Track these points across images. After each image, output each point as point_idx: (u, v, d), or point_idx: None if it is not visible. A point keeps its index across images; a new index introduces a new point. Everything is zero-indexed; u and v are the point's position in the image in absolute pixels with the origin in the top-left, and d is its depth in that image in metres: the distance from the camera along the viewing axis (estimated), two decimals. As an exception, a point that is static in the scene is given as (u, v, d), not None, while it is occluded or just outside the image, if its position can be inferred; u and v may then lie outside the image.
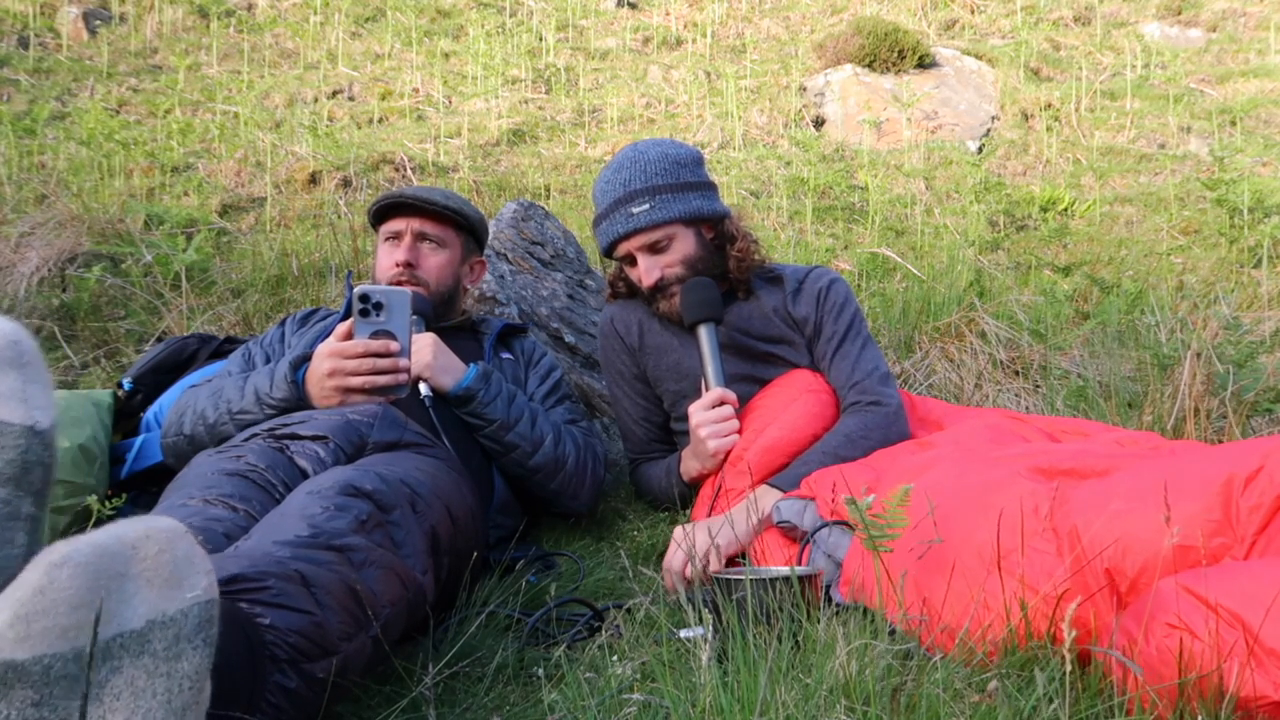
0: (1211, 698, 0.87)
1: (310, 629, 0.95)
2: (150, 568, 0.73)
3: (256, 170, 4.17)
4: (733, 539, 1.54)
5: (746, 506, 1.58)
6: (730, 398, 1.77)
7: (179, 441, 1.75)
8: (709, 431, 1.74)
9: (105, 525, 0.74)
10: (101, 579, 0.69)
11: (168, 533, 0.75)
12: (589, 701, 1.02)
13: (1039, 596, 1.05)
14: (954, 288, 3.15)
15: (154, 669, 0.72)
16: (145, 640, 0.71)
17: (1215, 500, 1.01)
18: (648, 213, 1.84)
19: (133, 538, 0.72)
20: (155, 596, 0.72)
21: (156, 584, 0.73)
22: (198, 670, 0.74)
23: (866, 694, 0.91)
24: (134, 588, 0.72)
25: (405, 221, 1.99)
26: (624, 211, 1.85)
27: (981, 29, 6.96)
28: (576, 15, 6.88)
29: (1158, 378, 2.29)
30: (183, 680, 0.73)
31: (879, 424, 1.74)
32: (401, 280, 1.93)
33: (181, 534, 0.76)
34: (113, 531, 0.73)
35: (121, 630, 0.70)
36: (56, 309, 2.94)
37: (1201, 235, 4.20)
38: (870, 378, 1.83)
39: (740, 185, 4.66)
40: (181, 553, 0.75)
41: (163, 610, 0.73)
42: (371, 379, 1.62)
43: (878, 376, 1.84)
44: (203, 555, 0.77)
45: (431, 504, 1.31)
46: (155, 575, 0.73)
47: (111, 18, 5.71)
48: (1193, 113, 5.68)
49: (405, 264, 1.94)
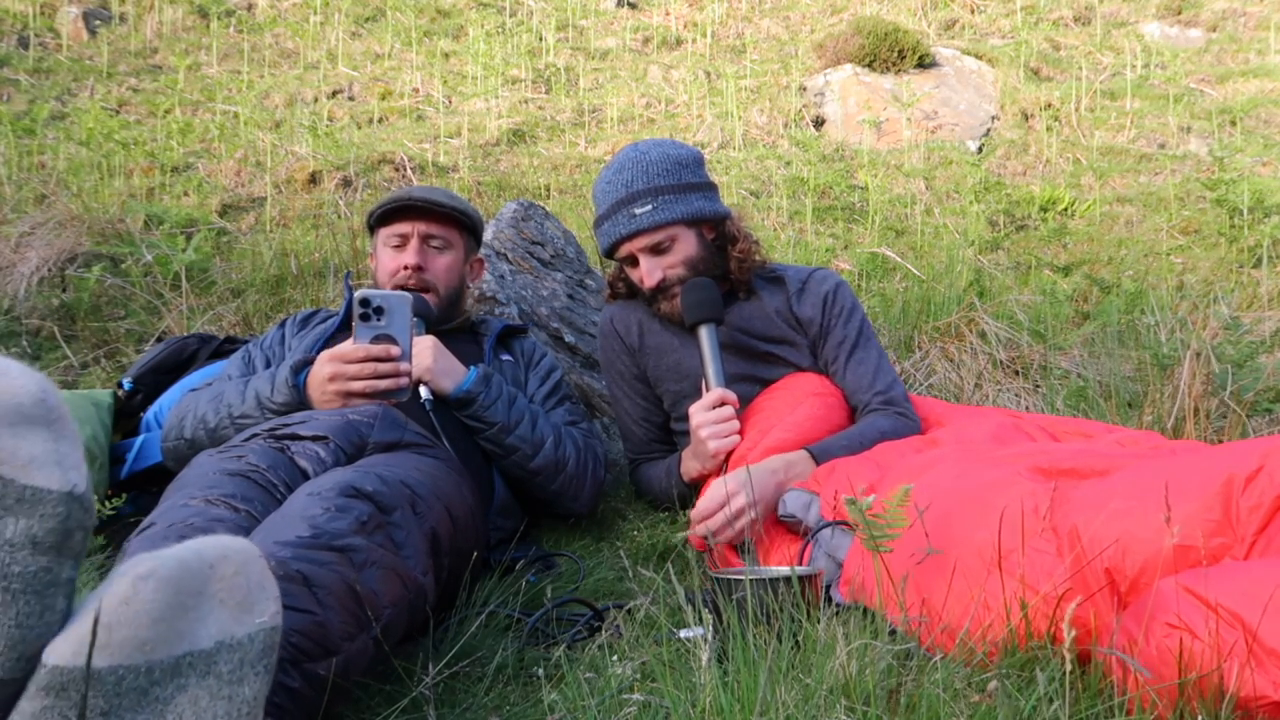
0: (1211, 698, 0.87)
1: (312, 628, 0.96)
2: (226, 588, 0.73)
3: (256, 170, 4.17)
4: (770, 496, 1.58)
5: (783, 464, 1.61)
6: (731, 398, 1.77)
7: (179, 445, 1.75)
8: (710, 432, 1.74)
9: (187, 540, 0.74)
10: (182, 595, 0.69)
11: (244, 554, 0.75)
12: (589, 701, 1.02)
13: (1039, 596, 1.05)
14: (954, 288, 3.15)
15: (217, 691, 0.71)
16: (212, 661, 0.71)
17: (1215, 500, 1.01)
18: (650, 214, 1.83)
19: (212, 556, 0.73)
20: (227, 618, 0.72)
21: (230, 605, 0.73)
22: (256, 696, 0.74)
23: (866, 694, 0.91)
24: (209, 607, 0.72)
25: (411, 224, 1.98)
26: (626, 212, 1.84)
27: (981, 29, 6.96)
28: (576, 15, 6.88)
29: (1157, 378, 2.29)
30: (242, 705, 0.73)
31: (905, 434, 1.76)
32: (409, 284, 1.93)
33: (256, 557, 0.76)
34: (193, 548, 0.73)
35: (192, 649, 0.70)
36: (56, 309, 2.94)
37: (1201, 235, 4.20)
38: (894, 389, 1.86)
39: (740, 185, 4.66)
40: (255, 577, 0.75)
41: (232, 633, 0.72)
42: (373, 384, 1.62)
43: (902, 392, 1.87)
44: (273, 581, 0.77)
45: (432, 505, 1.31)
46: (229, 597, 0.73)
47: (111, 18, 5.71)
48: (1193, 113, 5.68)
49: (415, 267, 1.94)
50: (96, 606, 0.68)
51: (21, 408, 0.73)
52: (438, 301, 1.98)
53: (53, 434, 0.74)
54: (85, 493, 0.75)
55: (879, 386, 1.85)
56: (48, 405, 0.75)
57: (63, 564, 0.73)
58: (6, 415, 0.72)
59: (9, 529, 0.71)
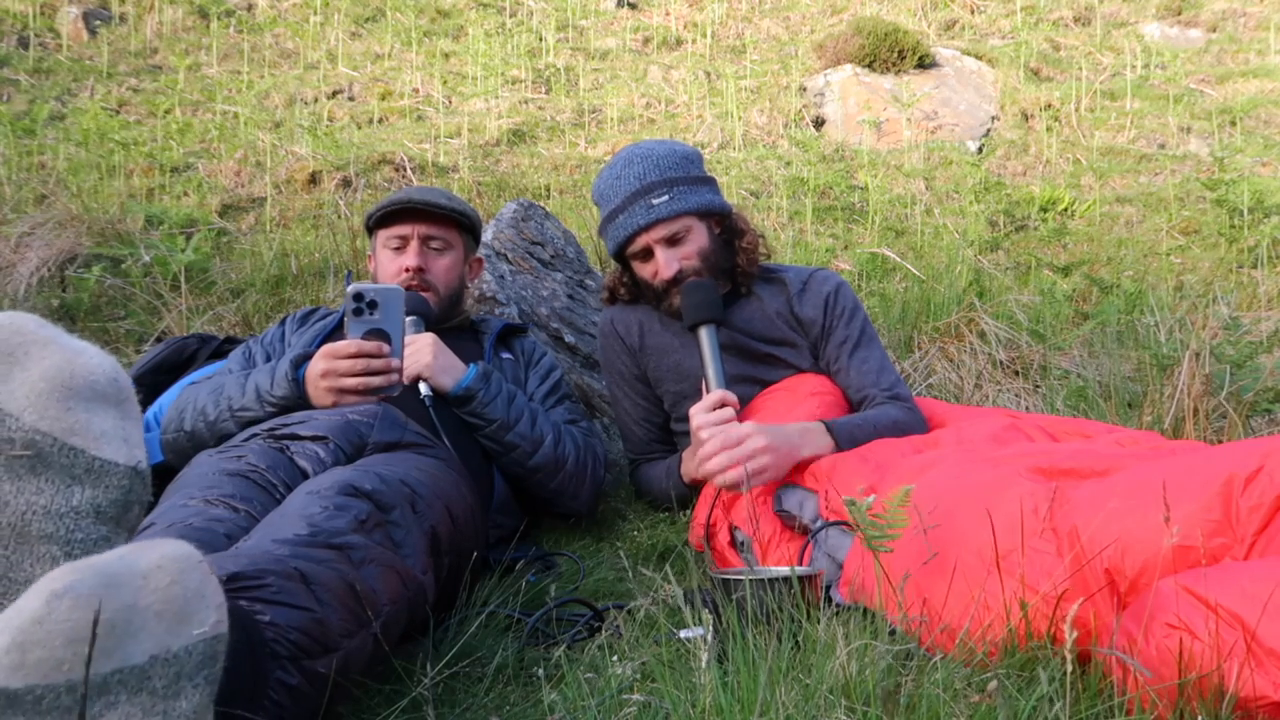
0: (1211, 698, 0.87)
1: (311, 625, 0.95)
2: (160, 599, 0.69)
3: (256, 170, 4.17)
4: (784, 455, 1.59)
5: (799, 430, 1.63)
6: (731, 399, 1.77)
7: (179, 438, 1.75)
8: (710, 433, 1.74)
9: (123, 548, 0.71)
10: (106, 611, 0.66)
11: (181, 562, 0.71)
12: (589, 702, 1.02)
13: (1039, 596, 1.05)
14: (954, 288, 3.15)
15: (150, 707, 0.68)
16: (145, 677, 0.68)
17: (1215, 500, 1.01)
18: (668, 203, 1.85)
19: (144, 567, 0.69)
20: (162, 631, 0.69)
21: (165, 618, 0.69)
22: (196, 710, 0.71)
23: (866, 694, 0.91)
24: (141, 621, 0.68)
25: (411, 226, 1.98)
26: (644, 203, 1.86)
27: (981, 29, 6.96)
28: (576, 15, 6.88)
29: (1157, 378, 2.29)
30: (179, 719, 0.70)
31: (916, 427, 1.77)
32: (411, 285, 1.94)
33: (195, 564, 0.72)
34: (126, 557, 0.69)
35: (122, 665, 0.67)
36: (56, 309, 2.94)
37: (1201, 235, 4.20)
38: (899, 387, 1.87)
39: (740, 185, 4.66)
40: (194, 585, 0.71)
41: (167, 646, 0.69)
42: (364, 379, 1.62)
43: (907, 391, 1.88)
44: (215, 588, 0.74)
45: (431, 504, 1.31)
46: (165, 609, 0.70)
47: (111, 18, 5.71)
48: (1193, 113, 5.68)
49: (417, 269, 1.95)
50: (11, 625, 0.65)
51: (96, 385, 0.77)
52: (438, 302, 1.98)
53: (121, 413, 0.79)
54: (146, 470, 0.80)
55: (884, 384, 1.86)
56: (119, 385, 0.80)
57: (119, 535, 0.77)
58: (82, 391, 0.76)
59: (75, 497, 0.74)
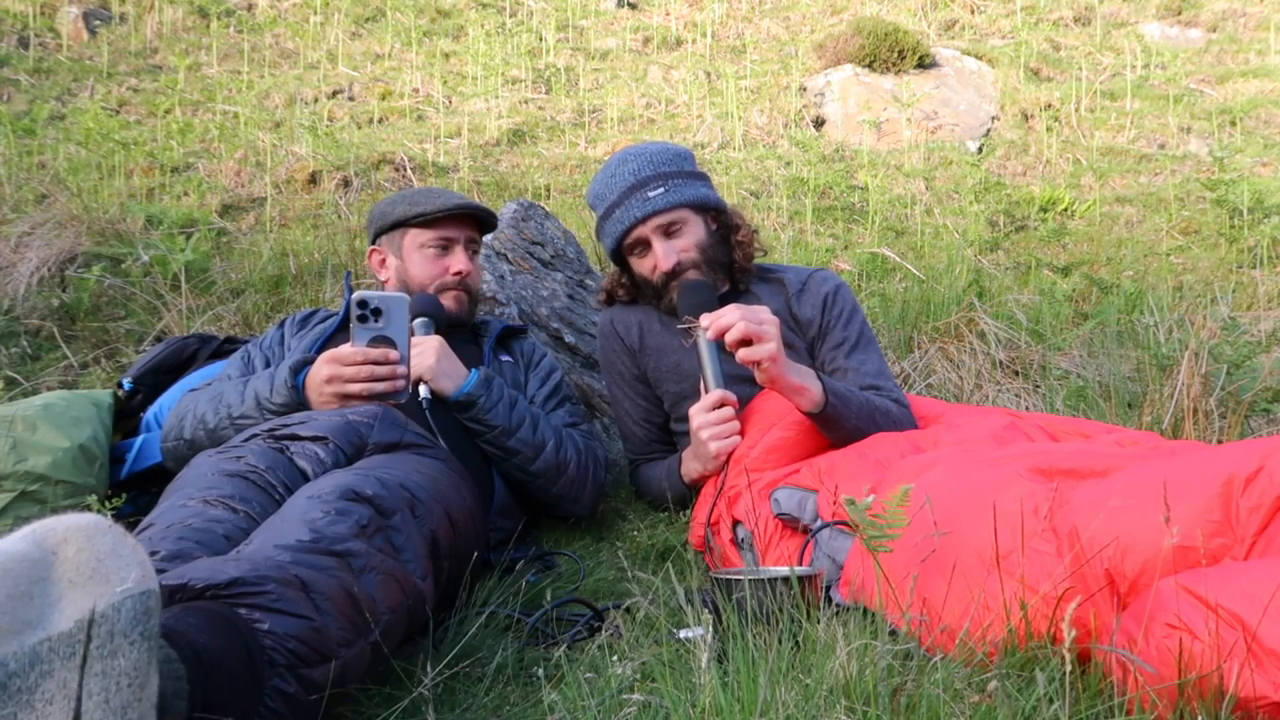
0: (1211, 698, 0.87)
1: (309, 634, 0.95)
2: (72, 568, 0.71)
3: (256, 170, 4.17)
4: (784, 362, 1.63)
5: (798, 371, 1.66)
6: (731, 399, 1.77)
7: (179, 446, 1.75)
8: (710, 433, 1.74)
9: (28, 525, 0.73)
10: (21, 585, 0.68)
11: (86, 530, 0.73)
12: (589, 702, 1.02)
13: (1039, 596, 1.05)
14: (953, 288, 3.15)
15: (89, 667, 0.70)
16: (75, 641, 0.70)
17: (1215, 500, 1.01)
18: (663, 195, 1.89)
19: (53, 541, 0.72)
20: (81, 596, 0.71)
21: (80, 583, 0.71)
22: (136, 666, 0.72)
23: (866, 694, 0.91)
24: (58, 590, 0.70)
25: (460, 230, 2.01)
26: (640, 196, 1.89)
27: (981, 29, 6.96)
28: (576, 15, 6.88)
29: (1156, 378, 2.29)
30: (120, 678, 0.71)
31: (902, 422, 1.78)
32: (452, 288, 1.97)
33: (104, 528, 0.74)
34: (33, 536, 0.71)
35: (49, 634, 0.69)
36: (56, 309, 2.94)
37: (1201, 235, 4.20)
38: (895, 391, 1.87)
39: (740, 185, 4.65)
40: (106, 547, 0.73)
41: (92, 608, 0.71)
42: (370, 386, 1.63)
43: (902, 396, 1.89)
44: (133, 545, 0.75)
45: (431, 508, 1.31)
46: (78, 575, 0.71)
47: (111, 18, 5.71)
48: (1193, 113, 5.68)
49: (467, 273, 2.00)
50: None
51: None
52: (471, 305, 2.03)
53: None
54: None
55: (880, 383, 1.87)
56: None
57: None
58: None
59: None
